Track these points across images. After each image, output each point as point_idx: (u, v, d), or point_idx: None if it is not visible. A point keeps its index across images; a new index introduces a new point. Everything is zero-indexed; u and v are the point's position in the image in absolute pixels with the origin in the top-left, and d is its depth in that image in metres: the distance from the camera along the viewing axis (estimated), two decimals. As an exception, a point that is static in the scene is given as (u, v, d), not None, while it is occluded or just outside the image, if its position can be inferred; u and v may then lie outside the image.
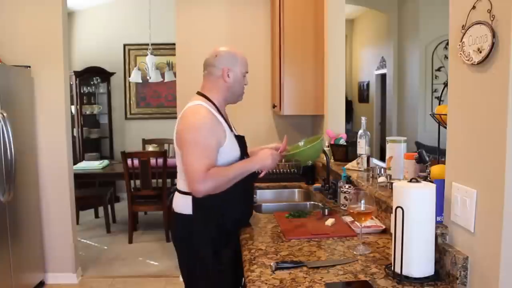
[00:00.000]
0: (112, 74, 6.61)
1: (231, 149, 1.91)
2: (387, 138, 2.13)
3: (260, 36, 3.72)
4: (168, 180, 5.19)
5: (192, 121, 1.85)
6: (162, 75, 5.80)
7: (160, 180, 4.71)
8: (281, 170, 3.60)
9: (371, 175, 2.30)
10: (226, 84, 1.96)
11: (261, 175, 1.97)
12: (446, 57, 5.87)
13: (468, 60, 1.24)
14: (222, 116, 1.95)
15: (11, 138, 3.04)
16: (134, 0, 6.44)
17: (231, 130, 1.97)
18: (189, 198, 1.89)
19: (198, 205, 1.88)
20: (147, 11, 5.62)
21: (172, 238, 2.06)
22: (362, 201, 1.67)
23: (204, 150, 1.80)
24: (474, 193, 1.24)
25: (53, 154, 3.60)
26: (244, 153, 2.00)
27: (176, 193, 1.99)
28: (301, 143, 2.29)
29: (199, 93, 1.99)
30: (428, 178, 1.61)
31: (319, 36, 3.22)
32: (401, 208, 1.35)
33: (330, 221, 2.03)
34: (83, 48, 6.62)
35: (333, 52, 3.16)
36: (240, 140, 2.00)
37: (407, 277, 1.37)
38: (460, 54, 1.28)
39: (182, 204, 1.93)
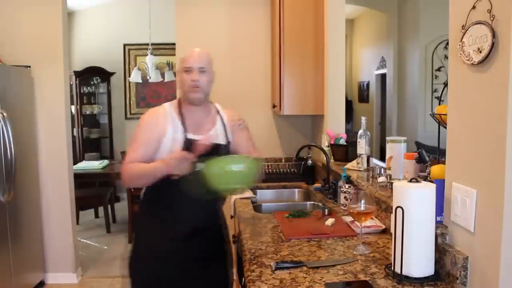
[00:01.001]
0: (112, 74, 6.61)
1: (168, 149, 1.85)
2: (387, 138, 2.13)
3: (260, 36, 3.72)
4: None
5: (140, 118, 1.99)
6: (162, 75, 5.80)
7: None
8: (281, 170, 3.60)
9: (371, 175, 2.30)
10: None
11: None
12: (446, 57, 5.87)
13: (468, 60, 1.24)
14: (182, 115, 1.92)
15: (11, 138, 3.04)
16: (134, 0, 6.44)
17: (185, 131, 1.88)
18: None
19: (145, 194, 2.01)
20: (147, 11, 5.62)
21: None
22: (362, 201, 1.67)
23: (134, 144, 1.90)
24: (474, 193, 1.24)
25: (53, 154, 3.60)
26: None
27: None
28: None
29: None
30: (428, 178, 1.61)
31: (319, 36, 3.22)
32: (401, 208, 1.35)
33: (330, 221, 2.03)
34: (83, 48, 6.62)
35: (333, 52, 3.15)
36: (190, 143, 1.84)
37: (407, 277, 1.37)
38: (460, 54, 1.28)
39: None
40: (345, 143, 3.01)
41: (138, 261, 1.98)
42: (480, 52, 1.18)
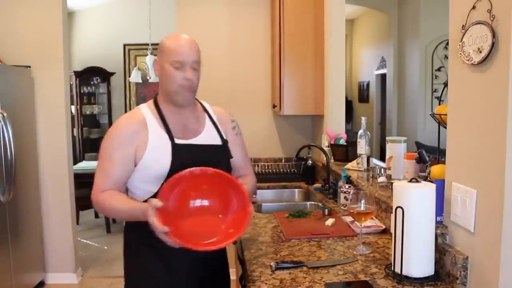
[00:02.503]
0: (112, 74, 6.62)
1: (153, 161, 1.51)
2: (387, 138, 2.13)
3: (260, 36, 3.72)
4: (168, 180, 5.16)
5: (109, 129, 1.59)
6: (162, 75, 5.79)
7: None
8: (281, 170, 3.60)
9: (371, 175, 2.30)
10: (159, 79, 1.62)
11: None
12: (446, 57, 5.87)
13: (468, 60, 1.24)
14: (164, 120, 1.57)
15: (11, 138, 3.04)
16: (134, 0, 6.44)
17: (171, 137, 1.54)
18: None
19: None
20: (147, 11, 5.61)
21: None
22: (362, 201, 1.67)
23: (105, 164, 1.54)
24: (474, 193, 1.24)
25: (53, 154, 3.60)
26: (179, 164, 1.48)
27: None
28: None
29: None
30: (428, 178, 1.61)
31: (319, 36, 3.22)
32: (401, 208, 1.35)
33: (330, 221, 2.03)
34: (83, 48, 6.62)
35: (333, 52, 3.15)
36: (182, 149, 1.53)
37: (407, 277, 1.37)
38: (460, 54, 1.28)
39: None
40: (345, 143, 3.01)
41: None
42: (480, 52, 1.18)
